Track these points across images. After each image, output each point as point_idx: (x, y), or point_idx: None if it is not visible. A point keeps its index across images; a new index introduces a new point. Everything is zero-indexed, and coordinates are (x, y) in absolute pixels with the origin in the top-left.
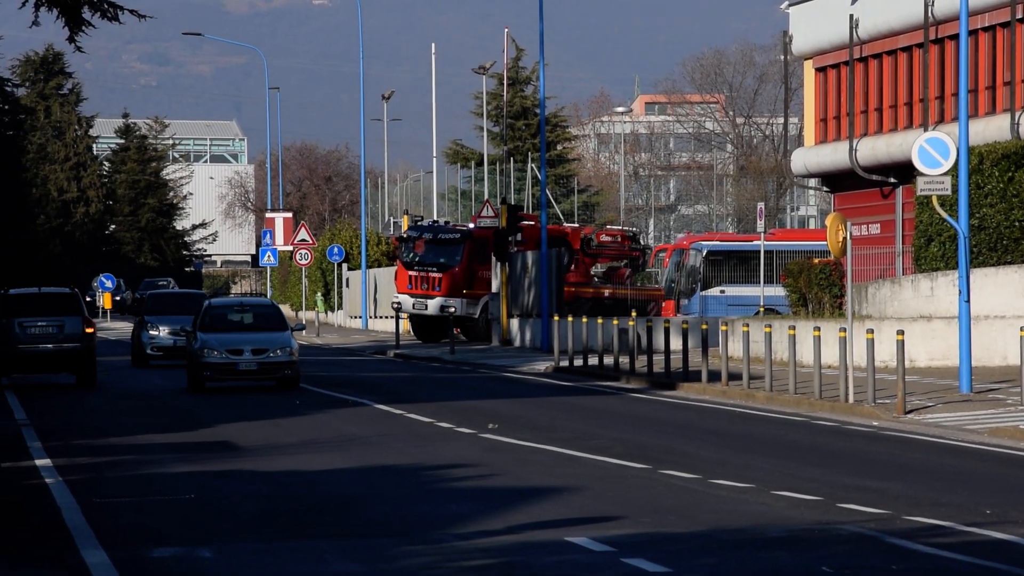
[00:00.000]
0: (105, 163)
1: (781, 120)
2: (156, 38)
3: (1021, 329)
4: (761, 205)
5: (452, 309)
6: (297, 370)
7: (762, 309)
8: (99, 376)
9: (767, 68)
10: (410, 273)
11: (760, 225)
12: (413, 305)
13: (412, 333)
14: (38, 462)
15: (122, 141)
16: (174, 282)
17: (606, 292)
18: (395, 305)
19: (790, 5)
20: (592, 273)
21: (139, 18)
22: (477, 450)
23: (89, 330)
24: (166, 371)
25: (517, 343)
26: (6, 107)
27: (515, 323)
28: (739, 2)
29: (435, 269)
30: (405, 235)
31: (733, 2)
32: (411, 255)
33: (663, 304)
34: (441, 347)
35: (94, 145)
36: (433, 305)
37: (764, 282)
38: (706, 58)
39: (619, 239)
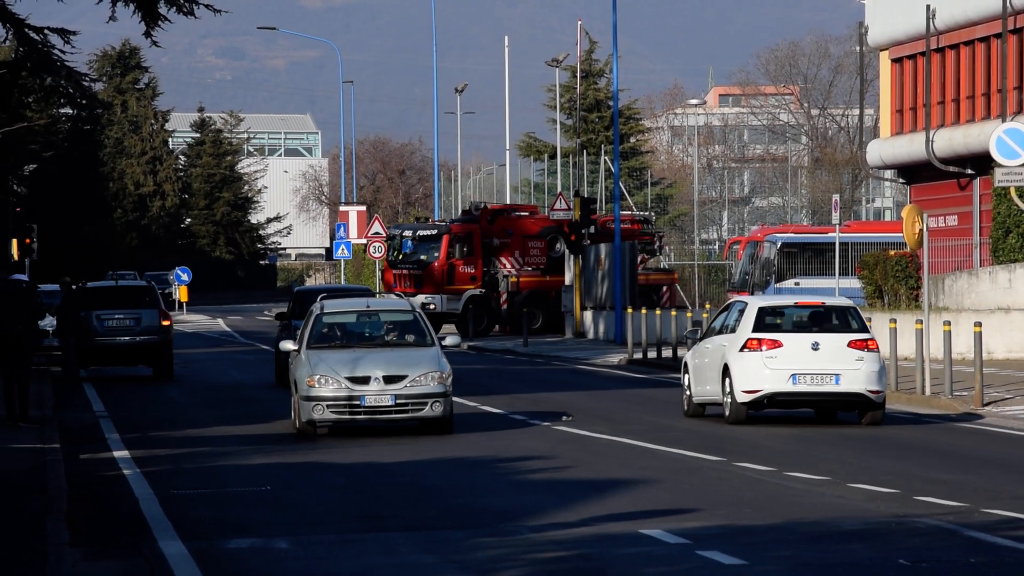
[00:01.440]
0: (181, 157)
1: (856, 111)
2: (231, 32)
3: None
4: (836, 197)
5: (432, 306)
6: (450, 405)
7: None
8: (176, 369)
9: (842, 59)
10: (394, 272)
11: (835, 217)
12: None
13: None
14: (116, 453)
15: (197, 135)
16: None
17: None
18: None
19: None
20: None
21: (214, 12)
22: (551, 442)
23: (166, 323)
24: (244, 364)
25: (590, 335)
26: (84, 102)
27: (588, 315)
28: None
29: (415, 267)
30: (389, 234)
31: None
32: (394, 254)
33: (669, 290)
34: (515, 339)
35: (170, 139)
36: (415, 303)
37: (839, 274)
38: (781, 49)
39: (629, 224)
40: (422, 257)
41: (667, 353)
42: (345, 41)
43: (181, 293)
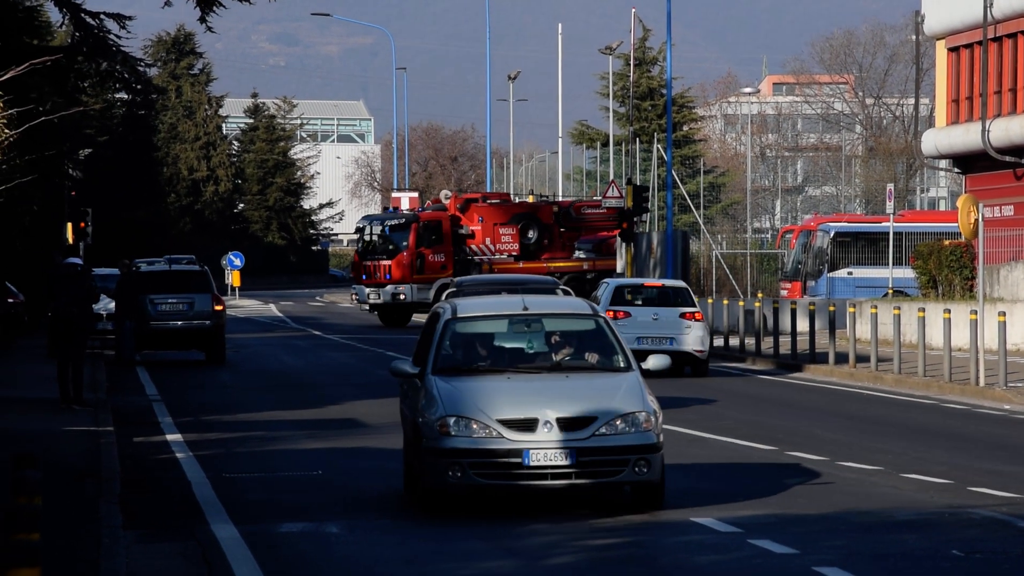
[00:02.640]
0: (234, 143)
1: (912, 101)
2: (285, 19)
3: None
4: (890, 186)
5: (402, 296)
6: (661, 465)
7: (891, 291)
8: (228, 353)
9: (898, 48)
10: (364, 263)
11: (889, 207)
12: (369, 295)
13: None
14: (169, 437)
15: (251, 121)
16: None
17: (585, 266)
18: (353, 296)
19: None
20: (577, 246)
21: None
22: None
23: (219, 307)
24: (296, 349)
25: None
26: (139, 87)
27: None
28: None
29: (384, 257)
30: (359, 225)
31: None
32: (363, 244)
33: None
34: None
35: (223, 125)
36: (385, 293)
37: (893, 264)
38: (836, 38)
39: (604, 209)
40: (391, 246)
41: (718, 342)
42: (399, 27)
43: (234, 278)
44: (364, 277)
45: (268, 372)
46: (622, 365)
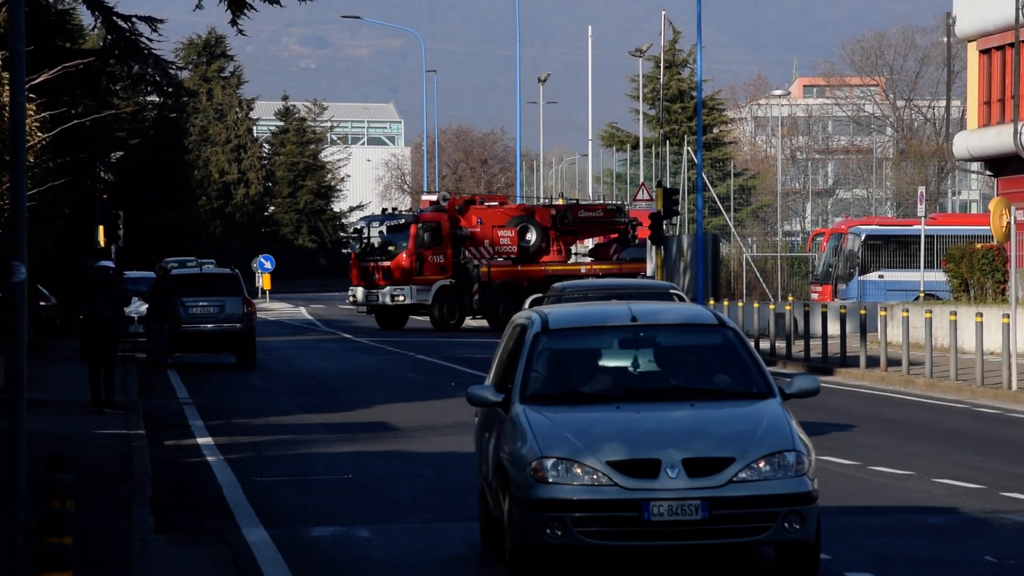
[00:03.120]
0: (265, 145)
1: (943, 103)
2: (315, 21)
3: None
4: (922, 189)
5: (401, 297)
6: (816, 519)
7: (922, 294)
8: (259, 356)
9: (929, 50)
10: (361, 264)
11: (921, 209)
12: (367, 297)
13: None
14: (200, 440)
15: (281, 123)
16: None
17: (582, 270)
18: (350, 299)
19: None
20: (573, 251)
21: (300, 1)
22: None
23: (249, 310)
24: (326, 352)
25: None
26: (170, 90)
27: None
28: None
29: (383, 258)
30: (356, 226)
31: None
32: (362, 247)
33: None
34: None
35: (254, 127)
36: (383, 295)
37: (924, 267)
38: (866, 40)
39: (601, 213)
40: (390, 248)
41: None
42: (429, 30)
43: (264, 281)
44: (362, 279)
45: (298, 375)
46: (761, 389)
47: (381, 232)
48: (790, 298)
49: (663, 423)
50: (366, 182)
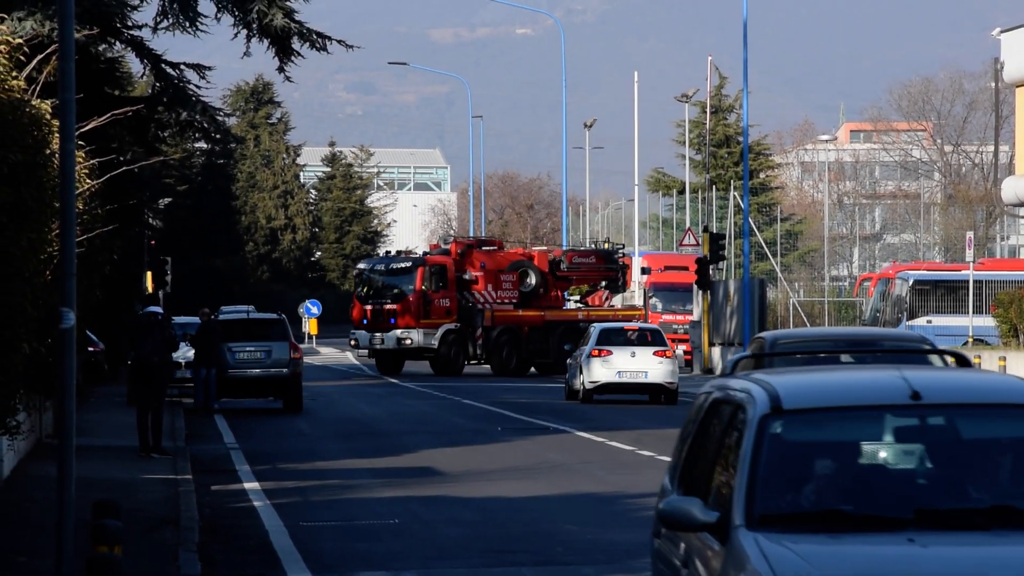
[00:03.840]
0: (311, 191)
1: (991, 148)
2: (362, 68)
3: None
4: (970, 234)
5: (409, 341)
6: None
7: (971, 340)
8: (305, 401)
9: (977, 95)
10: (364, 307)
11: (969, 254)
12: (371, 340)
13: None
14: (246, 485)
15: (328, 169)
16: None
17: (580, 315)
18: (352, 342)
19: (1002, 31)
20: (567, 296)
21: (347, 48)
22: None
23: (296, 355)
24: (372, 397)
25: (718, 371)
26: (218, 136)
27: (717, 351)
28: (947, 28)
29: (389, 300)
30: (358, 269)
31: (941, 28)
32: (364, 288)
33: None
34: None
35: (301, 173)
36: (389, 338)
37: (973, 312)
38: (914, 85)
39: (593, 259)
40: (396, 290)
41: None
42: (475, 76)
43: (311, 326)
44: (365, 322)
45: (345, 420)
46: None
47: (387, 274)
48: None
49: (989, 569)
50: (412, 227)
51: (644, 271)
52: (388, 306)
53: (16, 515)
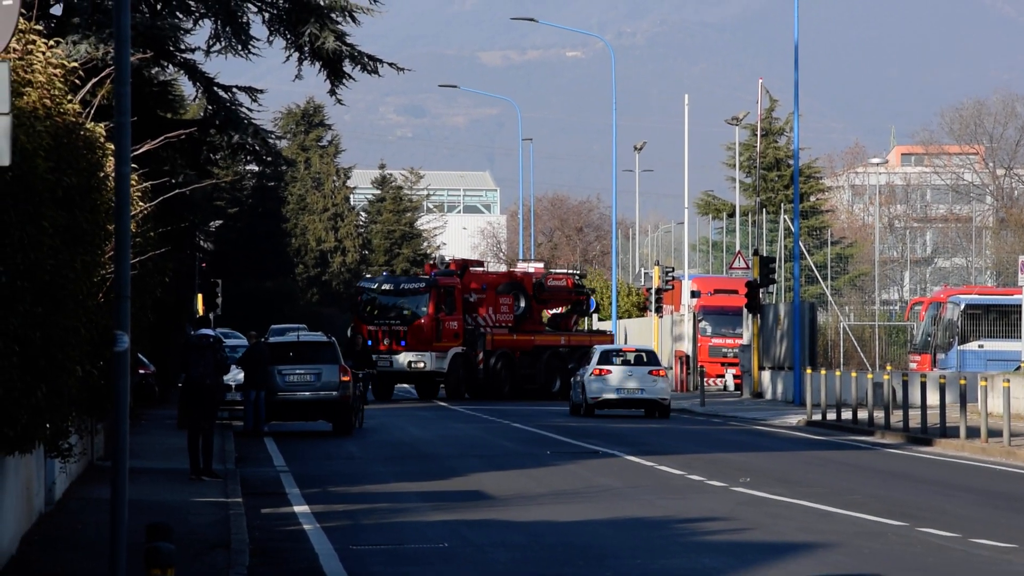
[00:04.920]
0: (362, 213)
1: None
2: (413, 90)
3: None
4: (1022, 258)
5: (421, 364)
6: None
7: (1023, 364)
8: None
9: None
10: (369, 328)
11: (1021, 279)
12: (378, 362)
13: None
14: (296, 508)
15: (378, 192)
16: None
17: (562, 340)
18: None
19: None
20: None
21: (397, 71)
22: (729, 503)
23: (345, 378)
24: (422, 420)
25: (768, 395)
26: (269, 159)
27: (766, 375)
28: (1000, 51)
29: (398, 322)
30: (358, 288)
31: (993, 51)
32: (369, 309)
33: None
34: (691, 398)
35: (351, 196)
36: (399, 361)
37: None
38: (965, 108)
39: (564, 283)
40: (405, 312)
41: (847, 415)
42: (525, 99)
43: None
44: (369, 344)
45: (394, 443)
46: None
47: (395, 295)
48: (888, 368)
49: None
50: (462, 250)
51: (694, 294)
52: (397, 327)
53: (69, 538)
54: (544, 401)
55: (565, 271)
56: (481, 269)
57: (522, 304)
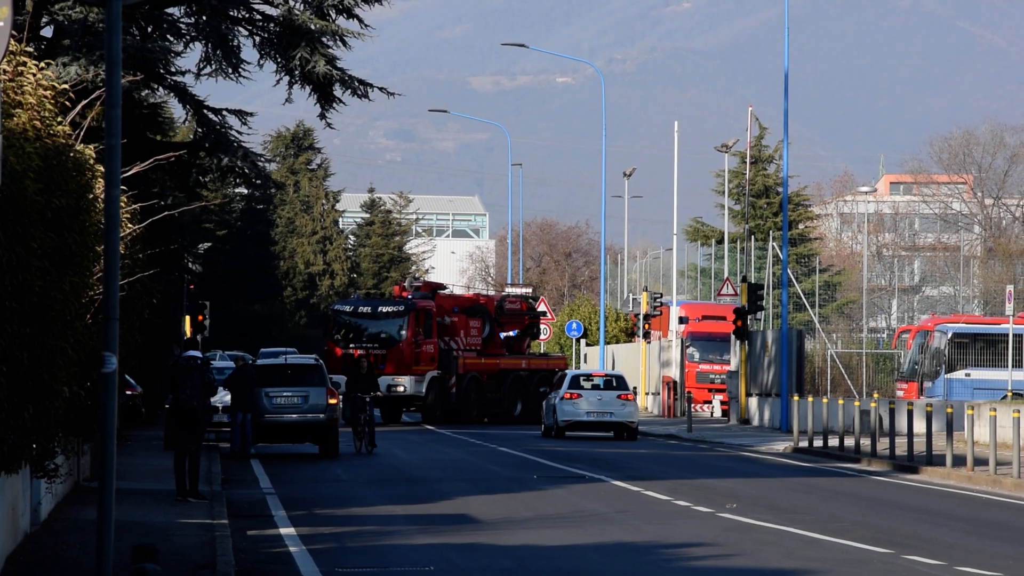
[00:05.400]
0: (350, 237)
1: None
2: (402, 115)
3: None
4: (1010, 288)
5: (401, 388)
6: None
7: (1010, 394)
8: (341, 447)
9: (1018, 149)
10: (345, 352)
11: (1009, 308)
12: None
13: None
14: (282, 530)
15: (367, 215)
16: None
17: (523, 363)
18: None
19: None
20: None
21: (387, 95)
22: (715, 529)
23: (332, 401)
24: (409, 444)
25: (755, 422)
26: (258, 182)
27: (753, 402)
28: (988, 82)
29: (377, 346)
30: (333, 310)
31: (982, 81)
32: (344, 332)
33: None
34: (678, 424)
35: (340, 219)
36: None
37: (1012, 366)
38: (954, 138)
39: (519, 306)
40: (383, 335)
41: (834, 442)
42: (515, 124)
43: None
44: (345, 367)
45: (381, 466)
46: None
47: (372, 318)
48: (875, 395)
49: None
50: (450, 274)
51: (682, 320)
52: (375, 351)
53: (55, 558)
54: (509, 425)
55: (519, 294)
56: (448, 292)
57: (487, 328)
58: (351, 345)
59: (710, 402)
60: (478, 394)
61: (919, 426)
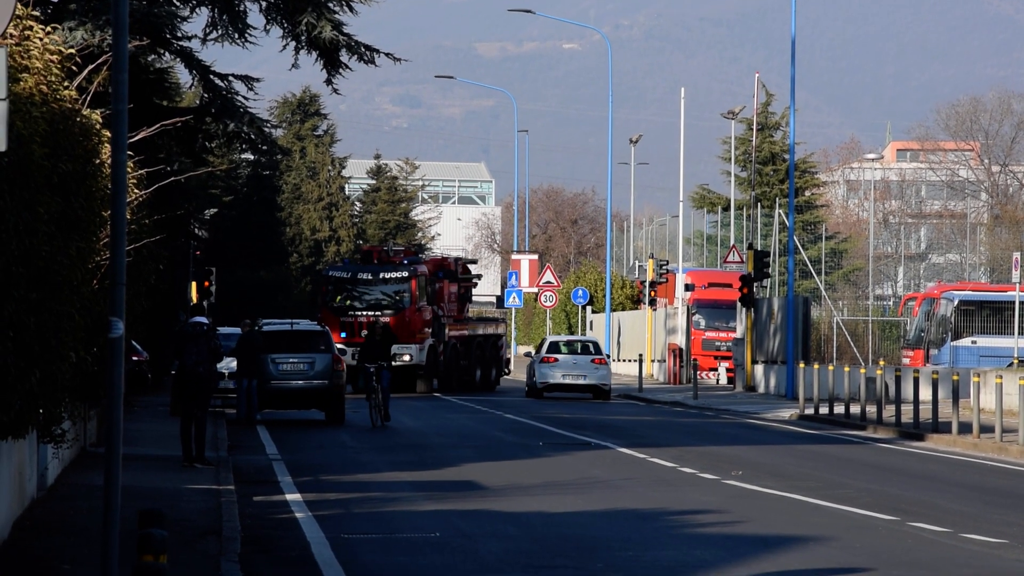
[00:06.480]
0: (356, 203)
1: None
2: (409, 81)
3: None
4: (1017, 255)
5: (407, 357)
6: None
7: (1016, 361)
8: (348, 413)
9: None
10: (343, 319)
11: (1015, 275)
12: (353, 356)
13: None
14: (288, 497)
15: (373, 182)
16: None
17: (479, 329)
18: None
19: None
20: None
21: (394, 61)
22: (721, 496)
23: (339, 367)
24: (417, 412)
25: (761, 389)
26: (264, 148)
27: (759, 369)
28: (996, 49)
29: (379, 313)
30: (327, 275)
31: (990, 49)
32: (340, 298)
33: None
34: (684, 391)
35: (346, 185)
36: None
37: (1019, 333)
38: (961, 105)
39: (460, 269)
40: (386, 302)
41: (839, 409)
42: (521, 90)
43: None
44: (343, 335)
45: (387, 433)
46: None
47: (373, 283)
48: (881, 363)
49: None
50: (456, 241)
51: (688, 288)
52: (381, 318)
53: (61, 524)
54: (477, 392)
55: (461, 257)
56: (424, 256)
57: (455, 293)
58: (349, 314)
59: (716, 369)
60: (455, 361)
61: (925, 393)
